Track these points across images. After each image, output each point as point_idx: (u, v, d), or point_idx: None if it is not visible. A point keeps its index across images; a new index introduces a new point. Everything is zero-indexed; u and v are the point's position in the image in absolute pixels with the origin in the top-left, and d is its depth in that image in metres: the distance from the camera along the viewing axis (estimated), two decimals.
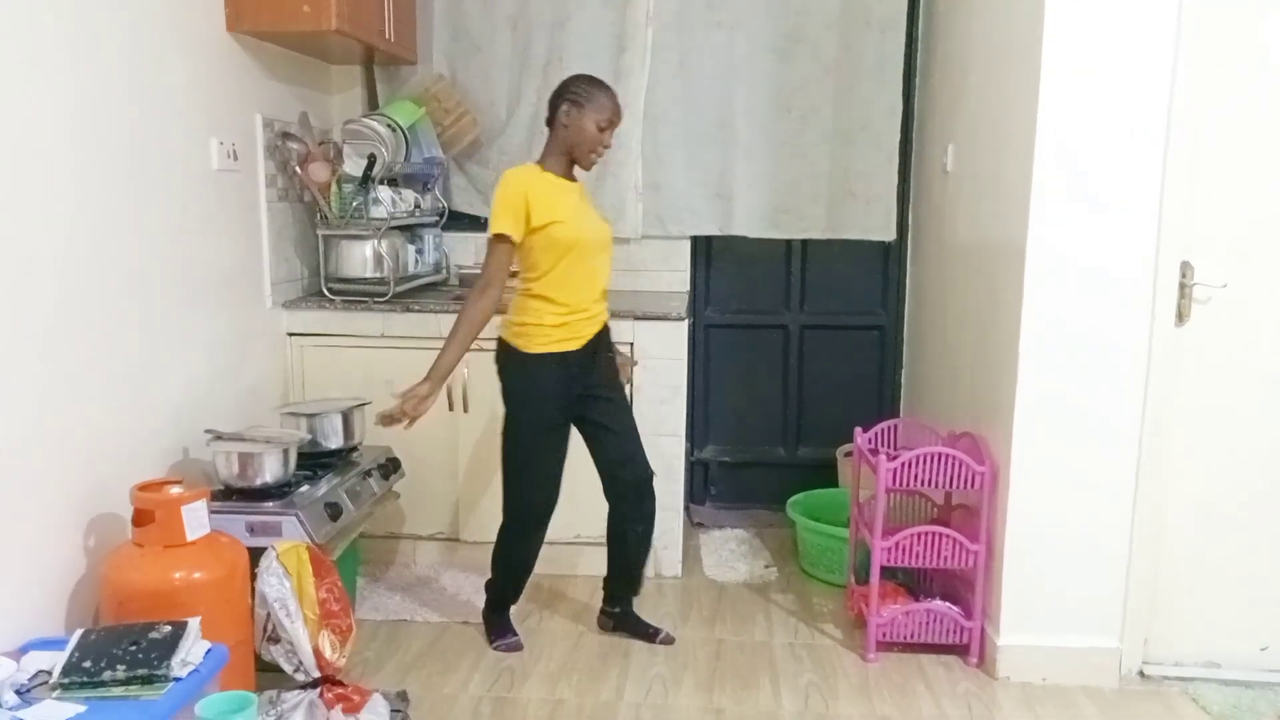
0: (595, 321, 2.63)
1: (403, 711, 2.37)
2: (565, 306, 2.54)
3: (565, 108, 2.52)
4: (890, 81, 3.53)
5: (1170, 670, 2.64)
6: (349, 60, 3.52)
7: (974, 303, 2.91)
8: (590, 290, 2.60)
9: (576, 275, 2.54)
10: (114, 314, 2.29)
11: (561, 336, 2.55)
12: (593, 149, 2.55)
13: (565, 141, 2.54)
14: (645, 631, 2.84)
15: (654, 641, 2.81)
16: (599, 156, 2.59)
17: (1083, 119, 2.42)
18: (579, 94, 2.51)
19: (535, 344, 2.54)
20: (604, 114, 2.52)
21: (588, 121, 2.50)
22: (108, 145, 2.26)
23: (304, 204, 3.31)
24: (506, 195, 2.47)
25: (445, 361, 2.50)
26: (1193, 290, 2.51)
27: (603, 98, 2.52)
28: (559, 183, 2.55)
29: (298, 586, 2.25)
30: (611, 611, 2.87)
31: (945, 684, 2.62)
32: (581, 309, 2.57)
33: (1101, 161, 2.43)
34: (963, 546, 2.67)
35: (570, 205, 2.54)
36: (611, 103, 2.54)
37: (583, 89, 2.52)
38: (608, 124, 2.53)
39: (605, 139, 2.55)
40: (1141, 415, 2.52)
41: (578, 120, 2.51)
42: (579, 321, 2.58)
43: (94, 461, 2.22)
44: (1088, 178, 2.44)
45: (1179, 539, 2.60)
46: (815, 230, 3.66)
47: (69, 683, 1.77)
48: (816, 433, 3.90)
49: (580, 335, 2.59)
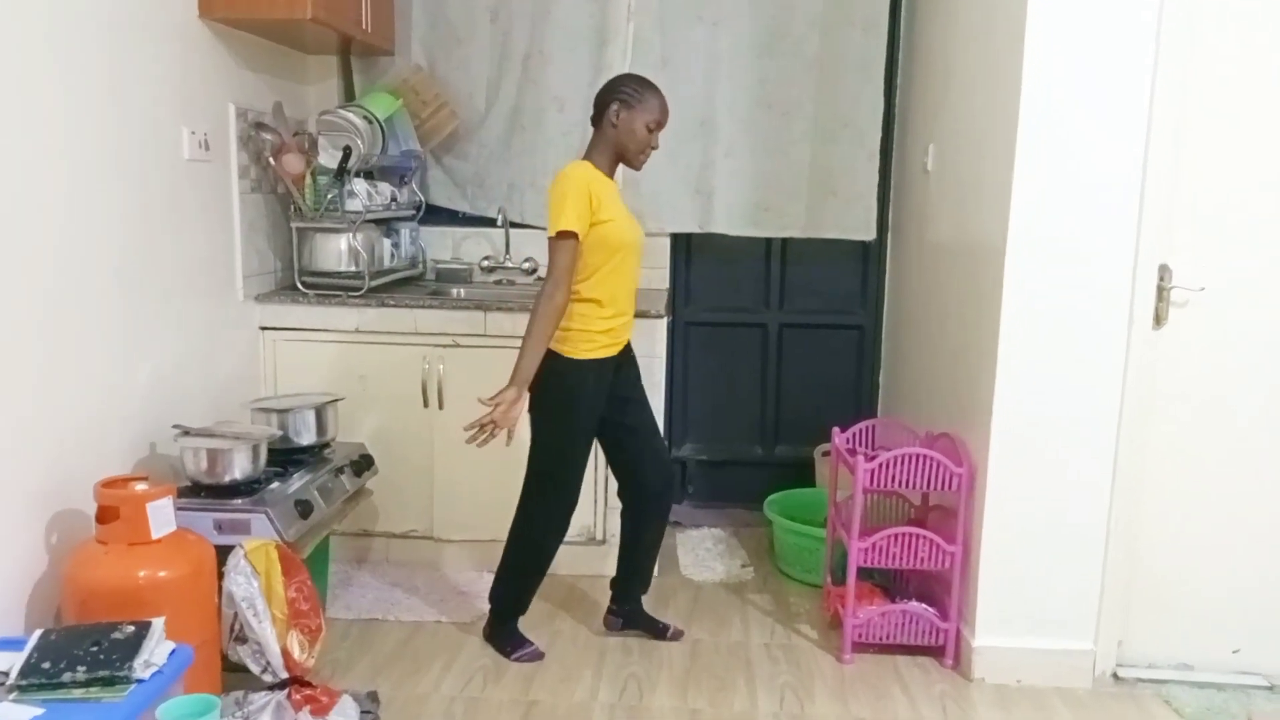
0: (630, 325, 2.63)
1: (373, 713, 2.34)
2: (612, 309, 2.52)
3: (615, 107, 2.48)
4: (872, 80, 3.52)
5: (1144, 672, 2.65)
6: (325, 50, 3.47)
7: (953, 303, 2.91)
8: (631, 293, 2.60)
9: (622, 277, 2.53)
10: (80, 306, 2.24)
11: (606, 343, 2.54)
12: (642, 150, 2.52)
13: (613, 142, 2.51)
14: (656, 628, 2.83)
15: (665, 638, 2.81)
16: (646, 158, 2.55)
17: (1064, 121, 2.41)
18: (629, 94, 2.48)
19: (582, 349, 2.51)
20: (653, 115, 2.49)
21: (638, 123, 2.48)
22: (74, 133, 2.20)
23: (277, 196, 3.25)
24: (571, 190, 2.40)
25: (527, 364, 2.43)
26: (1170, 293, 2.51)
27: (652, 99, 2.49)
28: (609, 181, 2.53)
29: (266, 586, 2.21)
30: (622, 610, 2.86)
31: (921, 685, 2.61)
32: (624, 312, 2.57)
33: (1082, 164, 2.43)
34: (939, 548, 2.67)
35: (618, 205, 2.51)
36: (661, 104, 2.51)
37: (633, 89, 2.49)
38: (656, 125, 2.51)
39: (654, 140, 2.52)
40: (1118, 418, 2.52)
41: (627, 121, 2.48)
42: (621, 326, 2.58)
43: (57, 456, 2.16)
44: (1068, 179, 2.43)
45: (1154, 542, 2.61)
46: (795, 229, 3.65)
47: (27, 684, 1.72)
48: (794, 432, 3.89)
49: (620, 340, 2.59)
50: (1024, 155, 2.43)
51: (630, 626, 2.85)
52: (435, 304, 3.12)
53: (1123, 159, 2.43)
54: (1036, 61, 2.39)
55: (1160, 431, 2.56)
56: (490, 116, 3.58)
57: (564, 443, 2.59)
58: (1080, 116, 2.41)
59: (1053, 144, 2.42)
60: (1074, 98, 2.40)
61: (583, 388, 2.54)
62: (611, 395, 2.61)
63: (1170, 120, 2.41)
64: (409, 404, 3.15)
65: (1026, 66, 2.40)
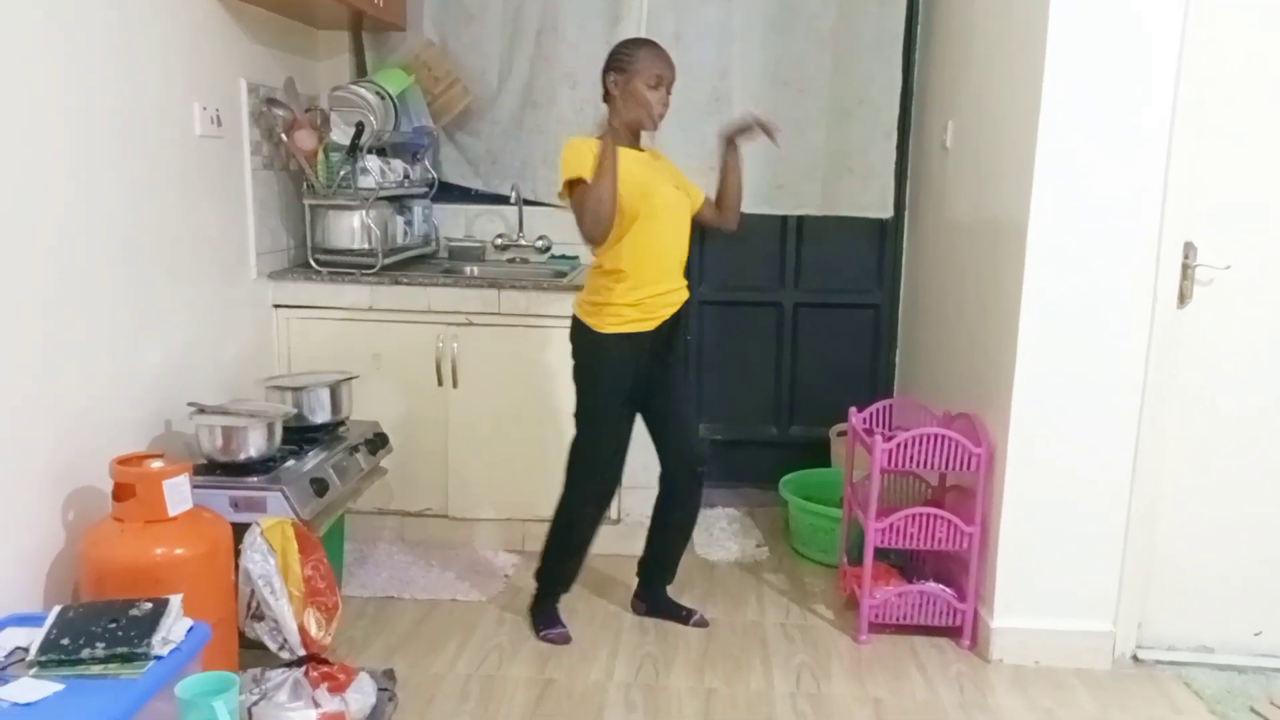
0: (671, 301, 2.53)
1: (389, 690, 2.34)
2: (635, 281, 2.45)
3: (612, 78, 2.44)
4: (889, 56, 3.47)
5: (1163, 654, 2.63)
6: (336, 25, 3.43)
7: (972, 282, 2.87)
8: (663, 265, 2.49)
9: (647, 247, 2.45)
10: (94, 284, 2.23)
11: (635, 316, 2.47)
12: (650, 111, 2.42)
13: (621, 112, 2.44)
14: (679, 614, 2.80)
15: (688, 624, 2.77)
16: (661, 116, 2.45)
17: (1087, 96, 2.37)
18: (621, 60, 2.42)
19: (607, 323, 2.47)
20: (651, 70, 2.40)
21: (636, 83, 2.40)
22: (86, 110, 2.18)
23: (290, 173, 3.23)
24: (575, 152, 2.37)
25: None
26: (1195, 271, 2.47)
27: (645, 56, 2.41)
28: (624, 151, 2.42)
29: (282, 563, 2.20)
30: (645, 594, 2.85)
31: (938, 666, 2.60)
32: (655, 285, 2.47)
33: (1105, 139, 2.39)
34: (957, 528, 2.65)
35: (635, 172, 2.41)
36: (657, 58, 2.42)
37: (624, 52, 2.43)
38: (657, 81, 2.41)
39: (661, 97, 2.43)
40: (1141, 398, 2.49)
41: (625, 87, 2.41)
42: (652, 300, 2.48)
43: (73, 434, 2.16)
44: (1091, 155, 2.39)
45: (1175, 523, 2.58)
46: (811, 207, 3.61)
47: (47, 660, 1.72)
48: (809, 412, 3.87)
49: (655, 315, 2.50)
50: (1046, 131, 2.39)
51: (654, 613, 2.83)
52: (449, 282, 3.10)
53: (1147, 134, 2.38)
54: (1060, 35, 2.35)
55: (1183, 411, 2.53)
56: (503, 93, 3.55)
57: (592, 414, 2.56)
58: (1104, 90, 2.36)
59: (1076, 119, 2.38)
60: (1098, 71, 2.36)
61: (606, 362, 2.50)
62: (646, 374, 2.55)
63: (1196, 94, 2.37)
64: (423, 382, 3.13)
65: (1050, 40, 2.35)
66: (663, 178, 2.51)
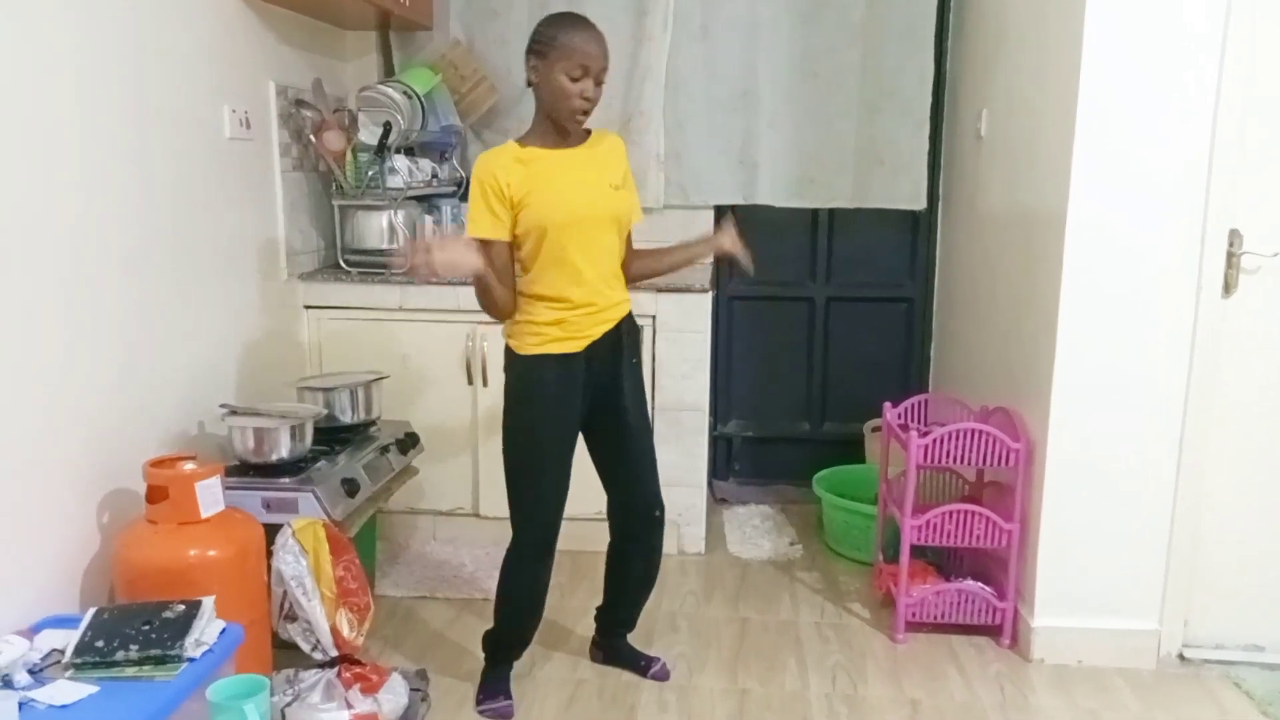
0: (602, 319, 2.20)
1: (422, 690, 2.33)
2: (557, 299, 2.14)
3: (531, 62, 2.07)
4: (920, 44, 3.41)
5: (1211, 653, 2.56)
6: (364, 25, 3.44)
7: (1009, 273, 2.81)
8: (587, 280, 2.15)
9: (565, 263, 2.12)
10: (127, 287, 2.24)
11: (559, 335, 2.16)
12: (568, 105, 2.05)
13: (539, 102, 2.11)
14: (638, 664, 2.50)
15: (646, 675, 2.47)
16: (583, 114, 2.08)
17: (1127, 80, 2.31)
18: (540, 42, 2.05)
19: (528, 344, 2.17)
20: (572, 60, 2.01)
21: (556, 74, 2.03)
22: (117, 114, 2.19)
23: (319, 174, 3.24)
24: (473, 191, 2.10)
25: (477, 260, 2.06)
26: (1241, 259, 2.40)
27: (570, 40, 2.01)
28: (539, 155, 2.12)
29: (314, 564, 2.20)
30: (603, 643, 2.57)
31: (977, 665, 2.55)
32: (577, 303, 2.15)
33: (1146, 125, 2.32)
34: (996, 525, 2.59)
35: (548, 180, 2.10)
36: (585, 46, 2.01)
37: (545, 33, 2.05)
38: (581, 72, 2.02)
39: (584, 90, 2.04)
40: (1185, 390, 2.43)
41: (544, 74, 2.05)
42: (580, 318, 2.16)
43: (107, 436, 2.17)
44: (1131, 142, 2.33)
45: (1221, 517, 2.51)
46: (842, 199, 3.56)
47: (82, 662, 1.73)
48: (842, 407, 3.82)
49: (582, 334, 2.17)
50: (1085, 116, 2.33)
51: (612, 661, 2.54)
52: None
53: (1190, 118, 2.31)
54: (1098, 16, 2.29)
55: (1229, 403, 2.46)
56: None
57: (521, 447, 2.23)
58: (1144, 73, 2.30)
59: (1115, 104, 2.31)
60: (1137, 53, 2.29)
61: (539, 384, 2.18)
62: (595, 405, 2.25)
63: (1241, 75, 2.29)
64: (452, 381, 3.13)
65: (1087, 21, 2.29)
66: (594, 177, 2.16)
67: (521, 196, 2.09)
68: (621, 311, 2.25)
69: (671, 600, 2.89)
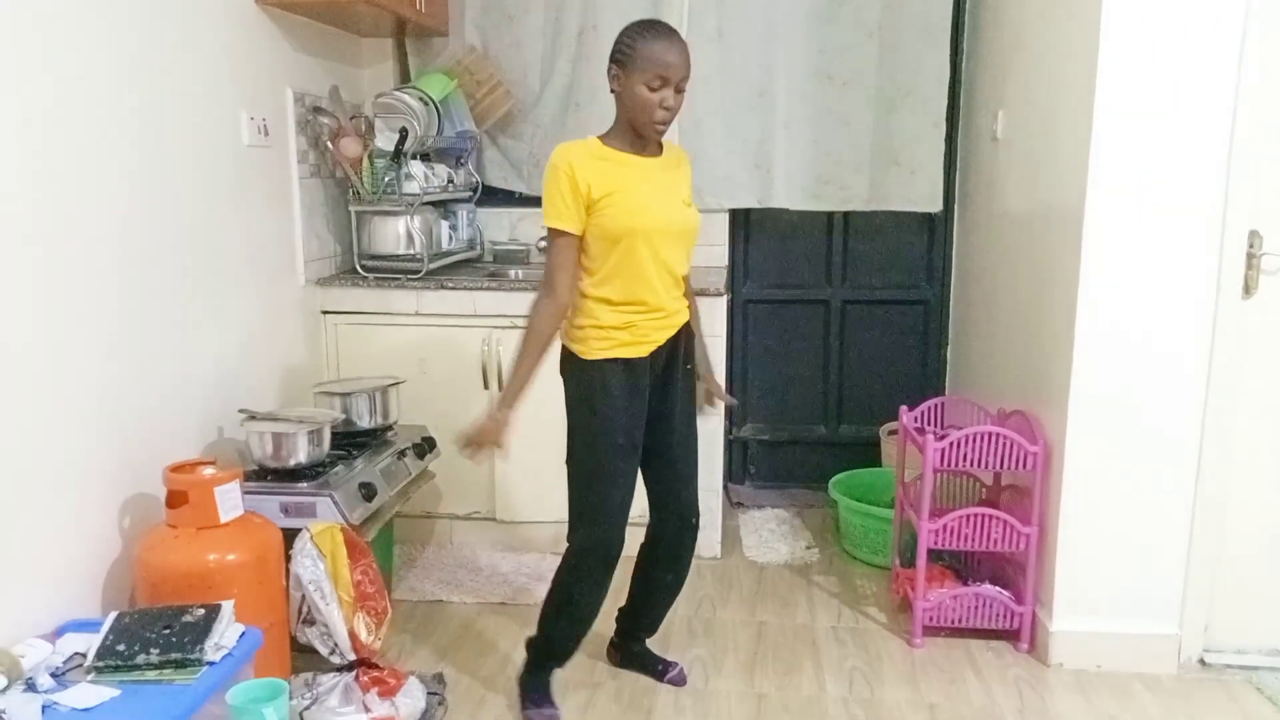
0: (667, 325, 2.20)
1: (439, 694, 2.34)
2: (629, 305, 2.14)
3: (612, 70, 2.09)
4: (937, 45, 3.39)
5: (1233, 658, 2.53)
6: (380, 32, 3.46)
7: (1026, 275, 2.80)
8: (655, 288, 2.15)
9: (637, 269, 2.12)
10: (147, 293, 2.26)
11: (627, 339, 2.15)
12: (649, 116, 2.06)
13: (621, 109, 2.12)
14: (655, 668, 2.50)
15: (663, 680, 2.48)
16: (664, 124, 2.09)
17: (1145, 80, 2.29)
18: (621, 51, 2.06)
19: (596, 348, 2.15)
20: (651, 71, 2.01)
21: (636, 84, 2.03)
22: (135, 121, 2.22)
23: (336, 180, 3.26)
24: (550, 181, 2.09)
25: (517, 382, 2.14)
26: (1261, 260, 2.38)
27: (650, 50, 2.02)
28: (619, 158, 2.12)
29: (332, 568, 2.22)
30: (622, 645, 2.56)
31: (995, 670, 2.54)
32: (649, 308, 2.15)
33: (1164, 124, 2.30)
34: (1014, 529, 2.58)
35: (629, 184, 2.10)
36: (660, 54, 2.01)
37: (626, 42, 2.06)
38: (660, 82, 2.02)
39: (664, 100, 2.04)
40: (1205, 392, 2.40)
41: (625, 84, 2.06)
42: (649, 324, 2.17)
43: (129, 441, 2.20)
44: (1149, 142, 2.31)
45: (1242, 521, 2.49)
46: (858, 202, 3.55)
47: (103, 666, 1.75)
48: (858, 411, 3.81)
49: (648, 339, 2.17)
50: (1102, 116, 2.31)
51: (627, 665, 2.54)
52: (494, 285, 3.11)
53: (1209, 118, 2.29)
54: (1116, 15, 2.27)
55: (1249, 405, 2.43)
56: (544, 95, 3.54)
57: (593, 455, 2.19)
58: (1162, 72, 2.28)
59: (1132, 104, 2.30)
60: (1155, 53, 2.28)
61: (606, 390, 2.15)
62: (653, 414, 2.24)
63: (1262, 73, 2.27)
64: (469, 386, 3.14)
65: (1105, 21, 2.27)
66: (669, 192, 2.18)
67: (600, 196, 2.07)
68: (682, 319, 2.26)
69: (688, 604, 2.89)
